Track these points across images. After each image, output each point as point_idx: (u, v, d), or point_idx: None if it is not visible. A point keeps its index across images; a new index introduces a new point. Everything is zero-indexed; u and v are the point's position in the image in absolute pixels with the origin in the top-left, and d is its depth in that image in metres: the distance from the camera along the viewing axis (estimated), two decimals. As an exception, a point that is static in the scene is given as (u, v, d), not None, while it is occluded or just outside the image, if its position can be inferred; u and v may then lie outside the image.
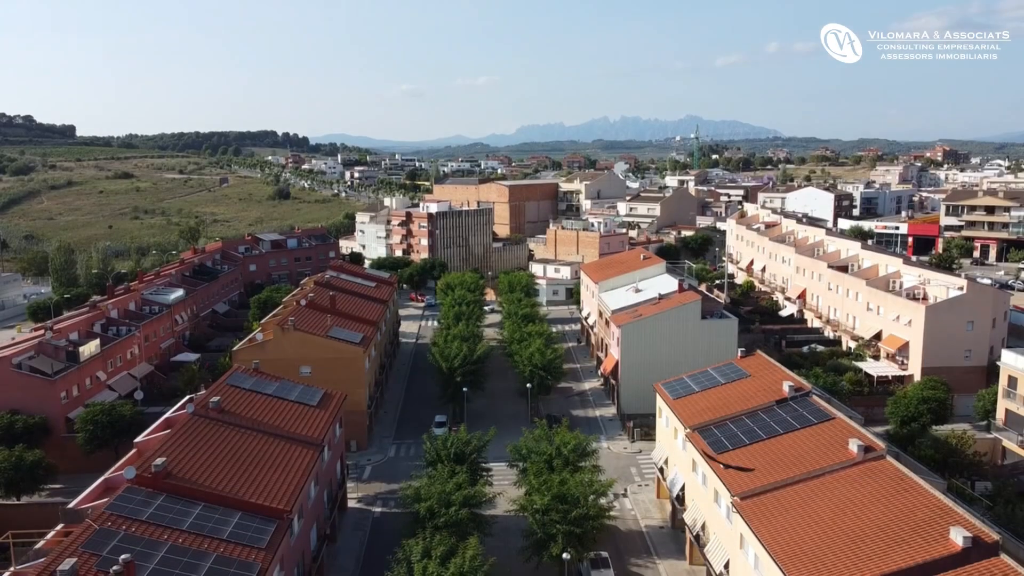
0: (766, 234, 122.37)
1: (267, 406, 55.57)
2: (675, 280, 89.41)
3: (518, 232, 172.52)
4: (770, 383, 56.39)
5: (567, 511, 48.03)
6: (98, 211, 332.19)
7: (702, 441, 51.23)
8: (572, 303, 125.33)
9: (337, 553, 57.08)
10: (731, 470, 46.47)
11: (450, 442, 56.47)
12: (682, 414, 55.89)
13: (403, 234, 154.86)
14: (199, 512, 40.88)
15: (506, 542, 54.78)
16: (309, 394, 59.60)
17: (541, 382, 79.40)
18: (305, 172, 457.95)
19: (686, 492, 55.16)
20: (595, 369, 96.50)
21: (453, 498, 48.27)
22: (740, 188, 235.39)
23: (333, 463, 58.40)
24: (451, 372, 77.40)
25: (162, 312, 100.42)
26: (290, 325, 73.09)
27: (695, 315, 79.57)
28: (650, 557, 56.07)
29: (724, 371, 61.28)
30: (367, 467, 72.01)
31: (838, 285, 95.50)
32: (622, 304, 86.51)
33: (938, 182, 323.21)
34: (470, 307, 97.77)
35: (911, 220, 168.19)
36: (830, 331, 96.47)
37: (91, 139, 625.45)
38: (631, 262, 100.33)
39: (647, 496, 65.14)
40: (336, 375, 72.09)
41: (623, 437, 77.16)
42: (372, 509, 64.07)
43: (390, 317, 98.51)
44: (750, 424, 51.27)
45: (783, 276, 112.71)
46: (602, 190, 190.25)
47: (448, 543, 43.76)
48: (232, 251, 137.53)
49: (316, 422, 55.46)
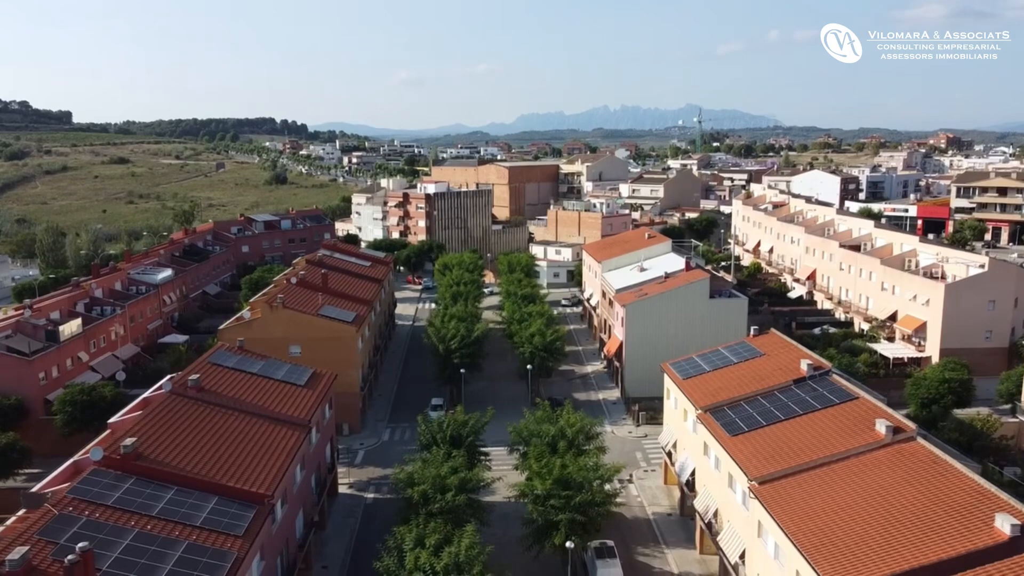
0: (774, 214, 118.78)
1: (251, 385, 52.22)
2: (682, 258, 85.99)
3: (518, 214, 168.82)
4: (786, 362, 53.05)
5: (570, 497, 44.73)
6: (92, 195, 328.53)
7: (715, 423, 47.93)
8: (573, 285, 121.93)
9: (326, 541, 53.89)
10: (748, 453, 43.18)
11: (446, 424, 53.14)
12: (693, 395, 52.57)
13: (400, 216, 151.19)
14: (171, 496, 37.60)
15: (505, 530, 51.64)
16: (297, 373, 56.25)
17: (542, 364, 76.06)
18: (303, 157, 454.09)
19: (696, 477, 51.92)
20: (598, 351, 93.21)
21: (448, 482, 44.97)
22: (744, 172, 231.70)
23: (322, 446, 55.11)
24: (448, 353, 74.06)
25: (149, 292, 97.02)
26: (279, 303, 69.68)
27: (703, 294, 76.20)
28: (658, 546, 52.92)
29: (736, 350, 57.92)
30: (360, 451, 68.80)
31: (850, 265, 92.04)
32: (626, 283, 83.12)
33: (942, 168, 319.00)
34: (468, 287, 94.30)
35: (920, 202, 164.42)
36: (841, 312, 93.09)
37: (88, 125, 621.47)
38: (636, 241, 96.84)
39: (654, 482, 61.93)
40: (327, 355, 68.74)
41: (627, 421, 73.91)
42: (364, 495, 60.88)
43: (385, 297, 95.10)
44: (767, 405, 47.96)
45: (792, 257, 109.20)
46: (604, 172, 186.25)
47: (442, 531, 40.54)
48: (224, 232, 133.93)
49: (303, 402, 52.12)
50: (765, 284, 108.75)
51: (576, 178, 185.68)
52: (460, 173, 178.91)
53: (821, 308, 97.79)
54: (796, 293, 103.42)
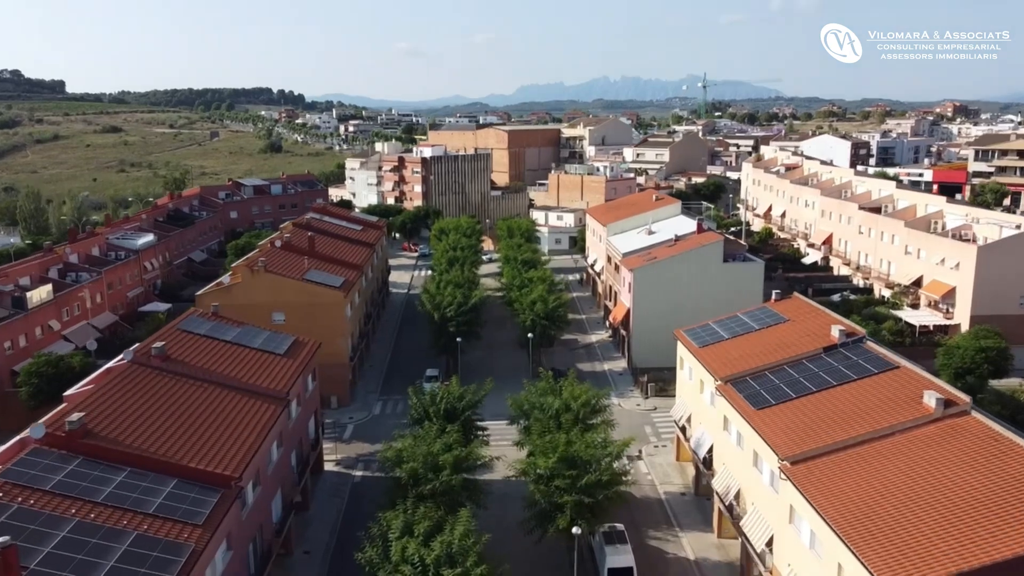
0: (786, 177, 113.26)
1: (224, 354, 47.36)
2: (692, 221, 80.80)
3: (518, 180, 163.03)
4: (813, 328, 48.16)
5: (576, 477, 40.06)
6: (83, 164, 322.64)
7: (737, 395, 43.14)
8: (576, 252, 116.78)
9: (309, 522, 49.44)
10: (776, 429, 38.42)
11: (439, 397, 48.37)
12: (711, 364, 47.73)
13: (395, 180, 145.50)
14: (122, 479, 32.87)
15: (504, 511, 47.09)
16: (276, 341, 51.36)
17: (543, 332, 71.20)
18: (298, 126, 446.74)
19: (715, 454, 47.28)
20: (602, 320, 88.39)
21: (441, 461, 40.31)
22: (750, 138, 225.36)
23: (304, 421, 50.43)
24: (443, 321, 69.20)
25: (129, 258, 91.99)
26: (260, 266, 64.66)
27: (716, 257, 71.13)
28: (671, 528, 48.45)
29: (757, 316, 52.99)
30: (349, 426, 64.24)
31: (870, 228, 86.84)
32: (633, 247, 77.99)
33: (950, 136, 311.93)
34: (465, 252, 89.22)
35: (936, 167, 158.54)
36: (860, 278, 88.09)
37: (81, 95, 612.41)
38: (642, 203, 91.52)
39: (665, 458, 57.38)
40: (313, 323, 64.06)
41: (635, 393, 69.26)
42: (352, 473, 56.37)
43: (378, 263, 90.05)
44: (794, 375, 43.14)
45: (806, 221, 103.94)
46: (607, 136, 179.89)
47: (434, 516, 35.92)
48: (212, 197, 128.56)
49: (282, 373, 47.30)
50: (777, 250, 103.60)
51: (578, 142, 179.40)
52: (458, 137, 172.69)
53: (837, 274, 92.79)
54: (811, 259, 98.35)
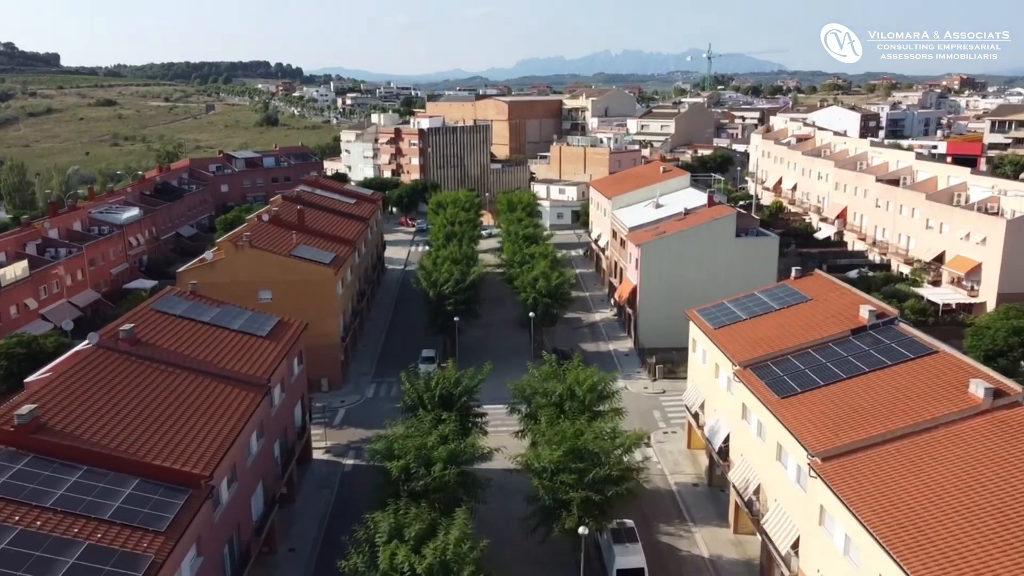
0: (797, 148, 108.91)
1: (200, 337, 43.73)
2: (702, 193, 76.82)
3: (518, 153, 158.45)
4: (839, 308, 44.46)
5: (584, 471, 36.59)
6: (76, 138, 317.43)
7: (758, 382, 39.54)
8: (579, 227, 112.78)
9: (295, 516, 46.12)
10: (804, 420, 34.85)
11: (434, 382, 44.76)
12: (728, 347, 44.09)
13: (392, 153, 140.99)
14: (77, 480, 29.39)
15: (504, 505, 43.80)
16: (258, 322, 47.70)
17: (546, 311, 67.53)
18: (295, 99, 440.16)
19: (731, 444, 43.80)
20: (607, 297, 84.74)
21: (435, 455, 36.80)
22: (756, 110, 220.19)
23: (289, 407, 46.92)
24: (440, 299, 65.52)
25: (112, 233, 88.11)
26: (245, 241, 60.83)
27: (729, 232, 67.27)
28: (683, 523, 45.11)
29: (777, 295, 49.26)
30: (340, 410, 60.79)
31: (888, 201, 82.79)
32: (640, 221, 74.10)
33: (958, 109, 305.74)
34: (463, 227, 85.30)
35: (950, 138, 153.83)
36: (876, 254, 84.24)
37: (76, 69, 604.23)
38: (649, 175, 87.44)
39: (675, 446, 53.95)
40: (302, 301, 60.46)
41: (642, 375, 65.75)
42: (343, 461, 52.98)
43: (372, 238, 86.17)
44: (820, 359, 39.52)
45: (818, 194, 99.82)
46: (610, 107, 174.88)
47: (426, 518, 32.47)
48: (201, 170, 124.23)
49: (263, 357, 43.69)
50: (788, 224, 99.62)
51: (580, 114, 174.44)
52: (457, 109, 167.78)
53: (852, 249, 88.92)
54: (824, 233, 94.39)
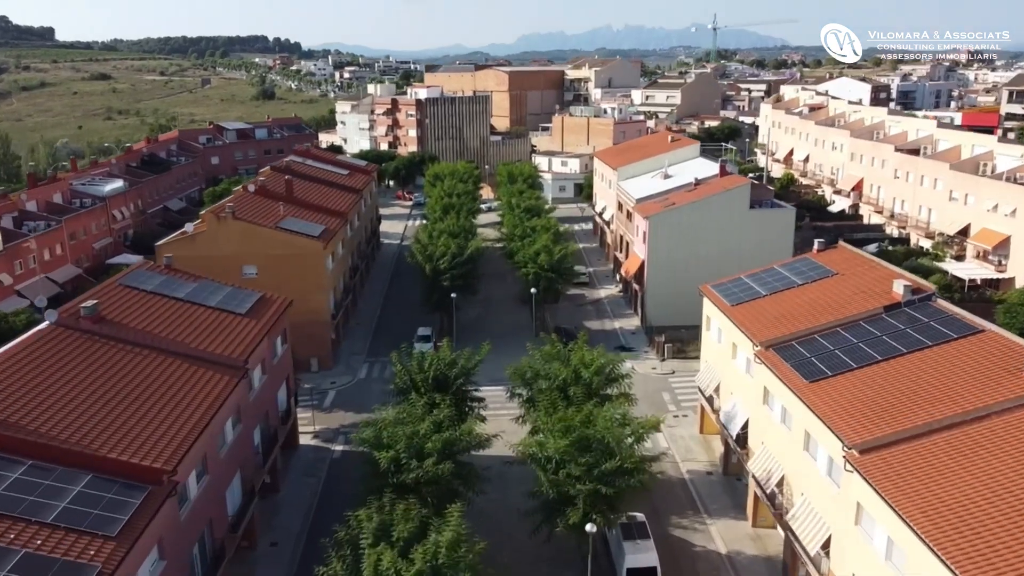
0: (810, 118, 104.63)
1: (173, 314, 40.14)
2: (713, 163, 72.87)
3: (519, 125, 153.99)
4: (868, 283, 40.78)
5: (592, 463, 33.14)
6: (69, 112, 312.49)
7: (783, 364, 35.96)
8: (582, 200, 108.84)
9: (278, 507, 42.82)
10: (837, 408, 31.31)
11: (428, 363, 41.20)
12: (747, 326, 40.48)
13: (388, 125, 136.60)
14: (18, 477, 25.96)
15: (504, 495, 40.52)
16: (237, 299, 44.07)
17: (548, 287, 63.90)
18: (293, 73, 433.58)
19: (751, 431, 40.36)
20: (612, 273, 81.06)
21: (427, 446, 33.35)
22: (762, 82, 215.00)
23: (271, 390, 43.44)
24: (436, 275, 61.87)
25: (95, 206, 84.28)
26: (228, 213, 57.05)
27: (743, 203, 63.44)
28: (698, 515, 41.81)
29: (799, 269, 45.56)
30: (330, 392, 57.40)
31: (908, 172, 78.78)
32: (648, 192, 70.23)
33: (967, 82, 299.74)
34: (462, 199, 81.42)
35: (965, 110, 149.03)
36: (895, 227, 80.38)
37: (72, 43, 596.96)
38: (657, 145, 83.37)
39: (687, 431, 50.55)
40: (290, 276, 56.90)
41: (650, 354, 62.25)
42: (331, 447, 49.64)
43: (366, 211, 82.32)
44: (851, 339, 35.92)
45: (832, 166, 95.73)
46: (613, 78, 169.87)
47: (416, 518, 29.04)
48: (191, 142, 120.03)
49: (241, 336, 40.11)
50: (800, 197, 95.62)
51: (583, 85, 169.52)
52: (455, 80, 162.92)
53: (869, 223, 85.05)
54: (838, 206, 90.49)
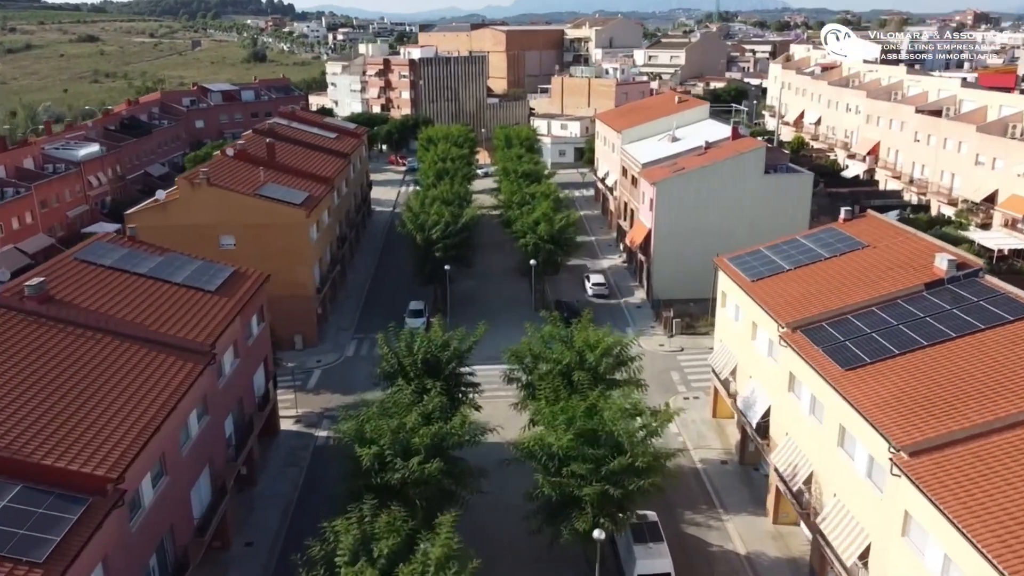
0: (823, 78, 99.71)
1: (134, 293, 36.08)
2: (724, 125, 68.40)
3: (517, 87, 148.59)
4: (905, 257, 36.79)
5: (600, 460, 29.46)
6: (56, 75, 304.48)
7: (813, 348, 32.08)
8: (583, 165, 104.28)
9: (255, 502, 39.27)
10: (881, 403, 27.51)
11: (418, 345, 37.29)
12: (771, 304, 36.54)
13: (381, 86, 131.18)
14: (-69, 490, 22.14)
15: (503, 485, 36.67)
16: (207, 274, 39.95)
17: (548, 258, 59.85)
18: (285, 35, 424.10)
19: (774, 420, 36.67)
20: (615, 242, 77.01)
21: (415, 442, 29.58)
22: (767, 43, 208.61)
23: (245, 375, 39.57)
24: (428, 245, 57.75)
25: (69, 171, 79.73)
26: (202, 179, 52.68)
27: (756, 168, 59.18)
28: (713, 510, 38.30)
29: (825, 241, 41.51)
30: (315, 371, 53.64)
31: (930, 134, 74.36)
32: (655, 156, 65.83)
33: (975, 45, 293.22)
34: (456, 163, 76.95)
35: (983, 70, 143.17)
36: (914, 194, 76.18)
37: (60, 4, 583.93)
38: (663, 106, 78.71)
39: (699, 414, 46.89)
40: (270, 248, 52.95)
41: (657, 330, 58.43)
42: (315, 433, 45.95)
43: (355, 177, 77.85)
44: (890, 320, 32.03)
45: (847, 128, 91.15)
46: (615, 38, 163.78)
47: (403, 528, 25.33)
48: (174, 104, 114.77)
49: (208, 317, 36.08)
50: (812, 161, 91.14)
51: (583, 45, 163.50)
52: (451, 39, 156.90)
53: (885, 189, 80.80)
54: (852, 172, 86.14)
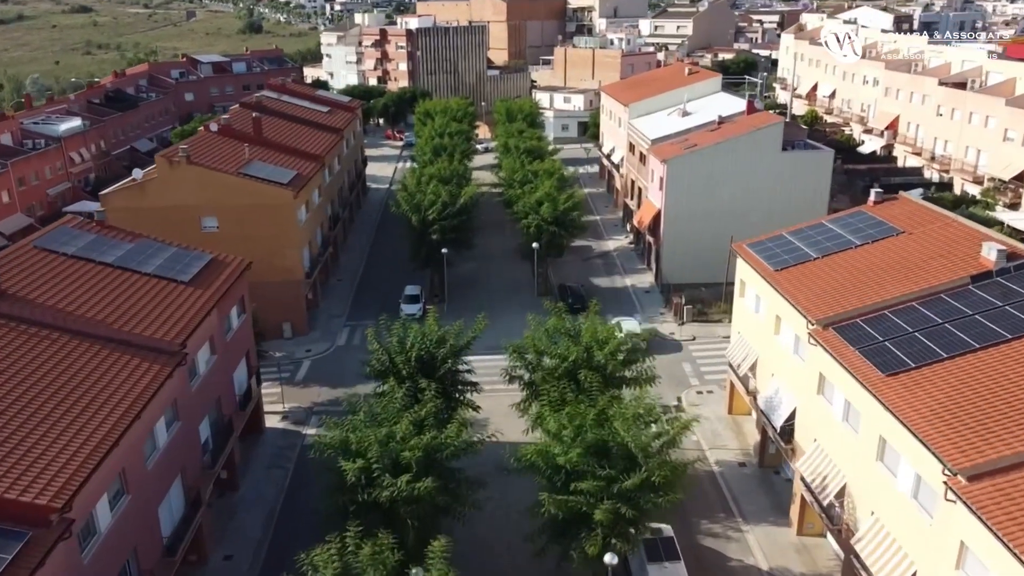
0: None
1: (98, 285, 32.82)
2: (739, 99, 64.62)
3: (518, 58, 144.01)
4: (945, 245, 33.41)
5: (612, 478, 26.40)
6: (48, 46, 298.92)
7: (849, 349, 28.82)
8: (587, 140, 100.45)
9: (236, 509, 36.33)
10: (932, 417, 24.32)
11: (411, 342, 34.07)
12: (799, 297, 33.23)
13: (377, 58, 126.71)
14: None
15: (504, 491, 33.84)
16: (181, 262, 36.62)
17: (552, 240, 56.43)
18: (282, 5, 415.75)
19: (800, 424, 33.54)
20: (621, 222, 73.56)
21: (405, 455, 26.48)
22: (776, 13, 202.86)
23: (224, 373, 36.40)
24: (424, 226, 54.33)
25: (49, 147, 76.13)
26: (181, 157, 49.14)
27: (774, 145, 55.53)
28: (731, 519, 35.35)
29: (855, 225, 38.04)
30: (304, 362, 50.52)
31: (954, 108, 70.51)
32: (665, 132, 62.16)
33: (984, 15, 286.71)
34: (455, 139, 73.21)
35: (1008, 41, 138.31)
36: (935, 171, 72.52)
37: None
38: (672, 78, 74.77)
39: (713, 410, 43.80)
40: (256, 231, 49.65)
41: (666, 316, 55.20)
42: (302, 431, 42.92)
43: (349, 153, 74.17)
44: (933, 318, 28.76)
45: (863, 102, 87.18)
46: (620, 7, 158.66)
47: (390, 560, 22.34)
48: (162, 76, 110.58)
49: (180, 312, 32.83)
50: (826, 136, 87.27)
51: (587, 14, 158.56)
52: (450, 8, 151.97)
53: (904, 166, 77.10)
54: (869, 147, 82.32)
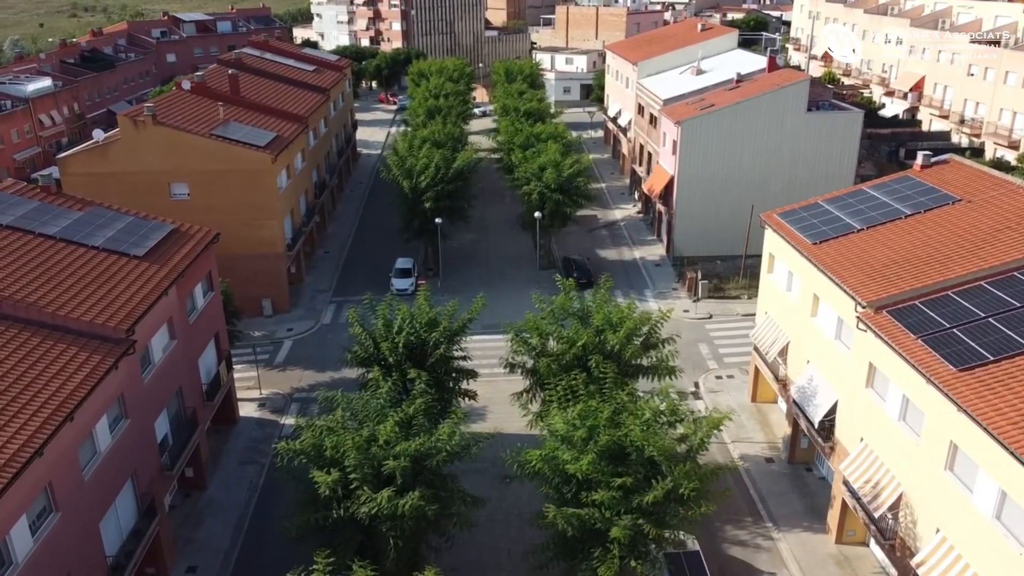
0: (857, 5, 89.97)
1: (35, 261, 28.40)
2: (759, 56, 59.76)
3: (517, 19, 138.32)
4: (1014, 215, 29.08)
5: (631, 489, 22.28)
6: (32, 9, 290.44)
7: (909, 336, 24.56)
8: (591, 103, 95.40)
9: (203, 512, 32.30)
10: (1020, 420, 20.14)
11: (398, 325, 29.79)
12: (842, 273, 28.90)
13: (370, 17, 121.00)
14: None
15: (503, 498, 29.98)
16: (136, 234, 32.14)
17: (556, 209, 51.89)
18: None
19: (842, 420, 29.45)
20: (629, 189, 69.05)
21: (389, 465, 22.28)
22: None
23: (186, 361, 32.11)
24: (416, 194, 49.76)
25: (15, 109, 71.15)
26: (147, 116, 44.37)
27: (799, 105, 50.83)
28: (759, 523, 31.43)
29: (902, 192, 33.57)
30: (285, 342, 46.27)
31: (987, 68, 65.60)
32: (678, 92, 57.34)
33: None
34: (450, 100, 68.29)
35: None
36: (965, 135, 67.79)
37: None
38: (684, 35, 69.74)
39: (734, 397, 39.74)
40: (231, 198, 45.28)
41: (680, 292, 50.91)
42: (281, 421, 38.80)
43: (337, 115, 69.22)
44: (1009, 300, 24.55)
45: (884, 62, 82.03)
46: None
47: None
48: (142, 35, 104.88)
49: (129, 292, 28.45)
50: (844, 99, 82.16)
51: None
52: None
53: (930, 130, 72.32)
54: (891, 110, 77.40)
